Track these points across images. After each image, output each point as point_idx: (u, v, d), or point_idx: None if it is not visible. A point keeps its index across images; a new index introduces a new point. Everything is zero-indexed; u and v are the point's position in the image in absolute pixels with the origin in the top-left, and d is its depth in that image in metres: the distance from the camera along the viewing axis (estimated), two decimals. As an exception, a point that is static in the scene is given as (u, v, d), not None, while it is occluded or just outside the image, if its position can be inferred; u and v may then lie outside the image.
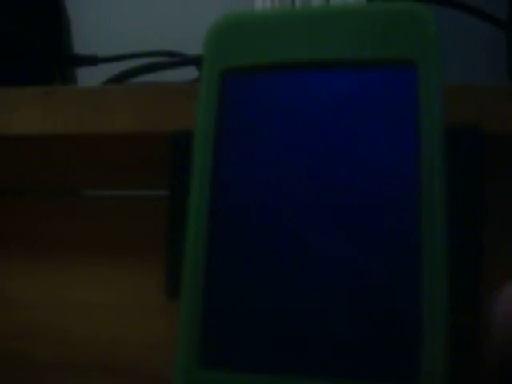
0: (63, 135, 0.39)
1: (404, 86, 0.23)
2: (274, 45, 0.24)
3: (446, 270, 0.21)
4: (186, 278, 0.23)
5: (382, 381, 0.21)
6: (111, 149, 0.42)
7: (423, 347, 0.21)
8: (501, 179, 0.33)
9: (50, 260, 0.46)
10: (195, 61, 0.45)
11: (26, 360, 0.45)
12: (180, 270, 0.23)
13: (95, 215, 0.46)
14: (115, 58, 0.48)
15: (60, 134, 0.38)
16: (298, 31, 0.24)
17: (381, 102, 0.23)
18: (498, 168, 0.34)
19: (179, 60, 0.45)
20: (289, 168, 0.23)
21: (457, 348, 0.22)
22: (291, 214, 0.22)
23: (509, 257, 0.29)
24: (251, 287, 0.23)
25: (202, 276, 0.23)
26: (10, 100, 0.39)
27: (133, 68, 0.44)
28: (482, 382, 0.22)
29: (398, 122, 0.23)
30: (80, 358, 0.45)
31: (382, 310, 0.21)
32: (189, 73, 0.49)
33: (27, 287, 0.46)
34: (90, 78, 0.49)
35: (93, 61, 0.47)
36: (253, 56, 0.24)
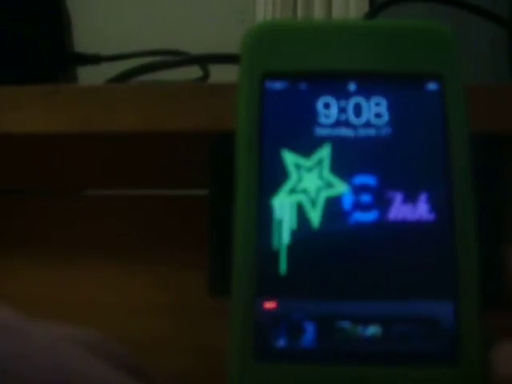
0: (66, 134, 0.38)
1: (430, 97, 0.25)
2: (312, 53, 0.26)
3: (478, 267, 0.23)
4: (235, 272, 0.24)
5: (427, 364, 0.23)
6: (114, 148, 0.42)
7: (462, 336, 0.23)
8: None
9: (50, 260, 0.46)
10: (199, 60, 0.45)
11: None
12: (224, 270, 0.24)
13: (95, 215, 0.46)
14: (118, 56, 0.48)
15: (63, 133, 0.38)
16: (333, 42, 0.26)
17: (410, 111, 0.25)
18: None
19: (183, 59, 0.45)
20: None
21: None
22: (333, 209, 0.24)
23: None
24: (302, 281, 0.24)
25: (254, 269, 0.24)
26: (13, 99, 0.38)
27: (136, 67, 0.44)
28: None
29: (427, 131, 0.25)
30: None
31: (425, 303, 0.24)
32: (192, 72, 0.49)
33: (27, 287, 0.46)
34: (92, 76, 0.49)
35: (96, 59, 0.47)
36: (291, 62, 0.26)
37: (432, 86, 0.25)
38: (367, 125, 0.25)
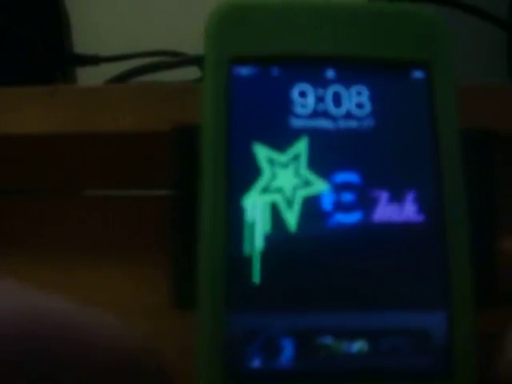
0: (65, 135, 0.38)
1: (416, 86, 0.23)
2: (286, 35, 0.23)
3: (472, 273, 0.21)
4: (202, 282, 0.21)
5: (418, 381, 0.21)
6: (113, 148, 0.42)
7: (456, 349, 0.21)
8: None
9: (49, 260, 0.46)
10: (197, 60, 0.45)
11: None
12: (189, 280, 0.22)
13: (95, 215, 0.46)
14: (117, 57, 0.48)
15: (62, 133, 0.38)
16: (310, 23, 0.23)
17: (394, 101, 0.23)
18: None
19: (181, 60, 0.45)
20: None
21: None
22: (312, 210, 0.22)
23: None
24: (278, 291, 0.22)
25: (223, 278, 0.21)
26: (13, 100, 0.38)
27: (135, 68, 0.44)
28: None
29: (413, 124, 0.23)
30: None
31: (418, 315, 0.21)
32: (191, 73, 0.49)
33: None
34: (91, 77, 0.49)
35: (95, 60, 0.47)
36: (262, 45, 0.23)
37: (418, 74, 0.23)
38: (348, 116, 0.23)
